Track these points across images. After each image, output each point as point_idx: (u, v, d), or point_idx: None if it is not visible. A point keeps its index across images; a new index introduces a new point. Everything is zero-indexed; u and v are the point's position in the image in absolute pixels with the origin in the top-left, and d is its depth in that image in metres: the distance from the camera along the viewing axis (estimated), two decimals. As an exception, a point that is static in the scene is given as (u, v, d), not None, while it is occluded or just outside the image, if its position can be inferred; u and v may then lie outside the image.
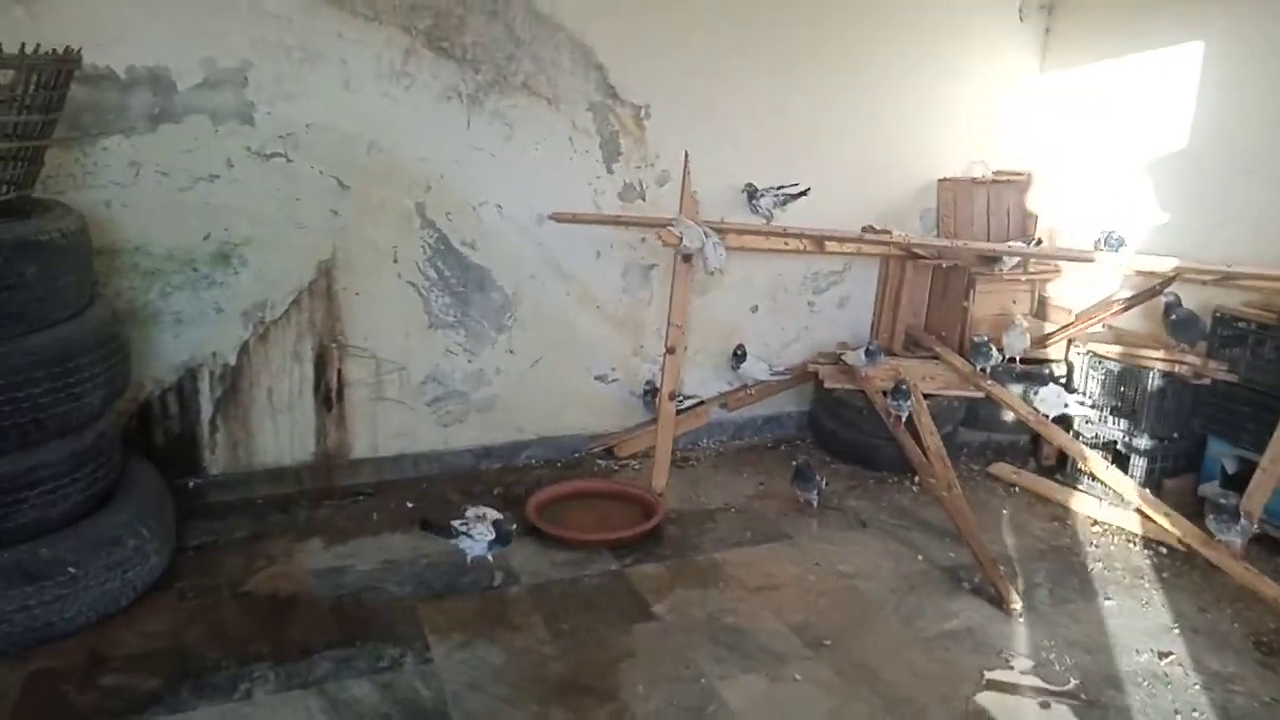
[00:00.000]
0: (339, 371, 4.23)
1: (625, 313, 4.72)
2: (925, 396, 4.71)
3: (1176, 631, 3.34)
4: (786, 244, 4.63)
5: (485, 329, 4.44)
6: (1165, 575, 3.75)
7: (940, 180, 5.33)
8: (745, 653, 3.14)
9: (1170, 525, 3.68)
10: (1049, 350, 5.11)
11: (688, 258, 4.26)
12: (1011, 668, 3.10)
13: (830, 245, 4.74)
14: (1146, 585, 3.67)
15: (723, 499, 4.35)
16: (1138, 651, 3.21)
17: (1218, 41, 4.42)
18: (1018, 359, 4.95)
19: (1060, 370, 5.06)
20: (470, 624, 3.24)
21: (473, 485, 4.35)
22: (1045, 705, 2.91)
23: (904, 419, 4.44)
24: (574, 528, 3.92)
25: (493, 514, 3.51)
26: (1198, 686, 3.02)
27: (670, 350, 4.32)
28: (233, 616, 3.25)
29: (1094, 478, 4.40)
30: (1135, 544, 4.03)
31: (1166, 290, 4.47)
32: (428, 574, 3.56)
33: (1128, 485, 3.95)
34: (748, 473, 4.69)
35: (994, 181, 5.25)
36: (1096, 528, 4.18)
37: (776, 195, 4.67)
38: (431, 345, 4.35)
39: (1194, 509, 4.08)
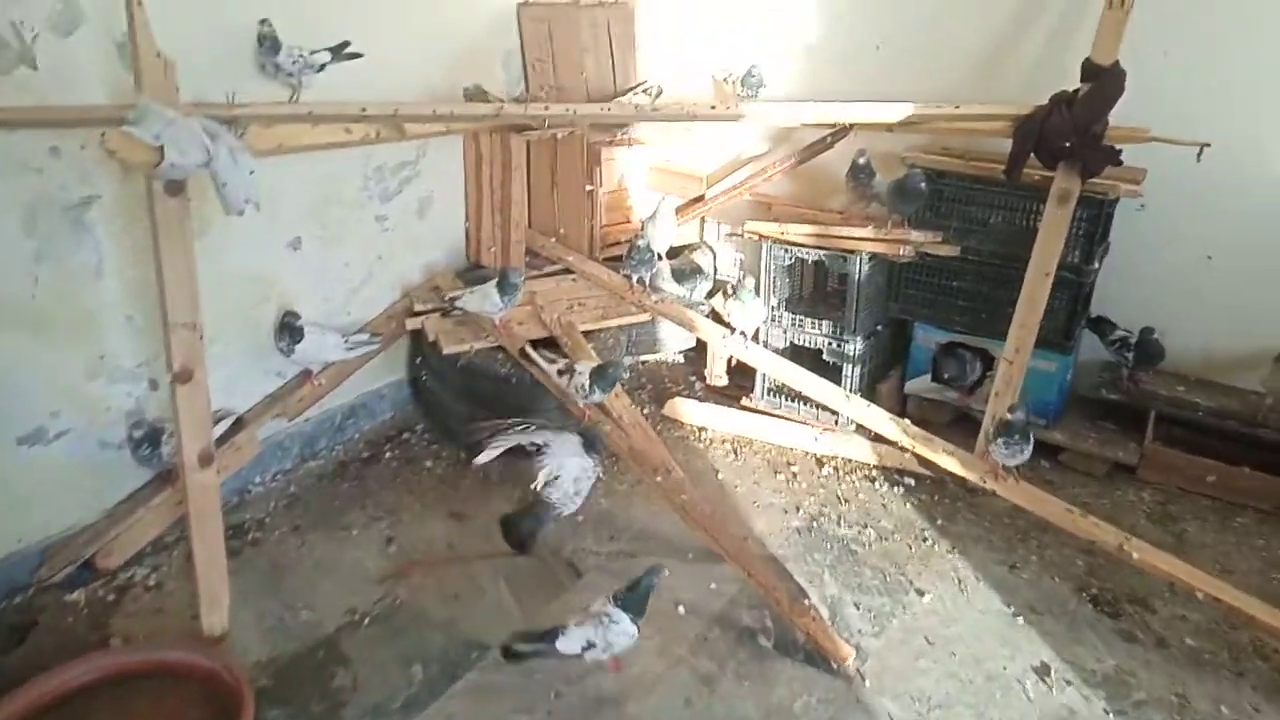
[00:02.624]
0: None
1: (52, 301, 2.38)
2: (584, 335, 3.28)
3: (1020, 620, 2.56)
4: (350, 131, 2.65)
5: None
6: (940, 522, 2.98)
7: (521, 5, 3.66)
8: None
9: (958, 465, 2.86)
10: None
11: (177, 187, 2.10)
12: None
13: (414, 126, 2.88)
14: (938, 550, 2.85)
15: (341, 600, 2.51)
16: (1018, 681, 2.34)
17: None
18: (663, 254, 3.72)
19: (705, 260, 3.98)
20: None
21: None
22: None
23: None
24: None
25: None
26: (1110, 715, 2.25)
27: (182, 377, 2.19)
28: None
29: (799, 399, 3.46)
30: (877, 481, 3.21)
31: (831, 143, 3.56)
32: None
33: (882, 420, 3.05)
34: (356, 521, 2.85)
35: (592, 3, 3.73)
36: (827, 470, 3.28)
37: (305, 55, 2.64)
38: None
39: (903, 411, 3.46)
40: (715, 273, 4.04)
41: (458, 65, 3.41)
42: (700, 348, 3.93)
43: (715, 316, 3.81)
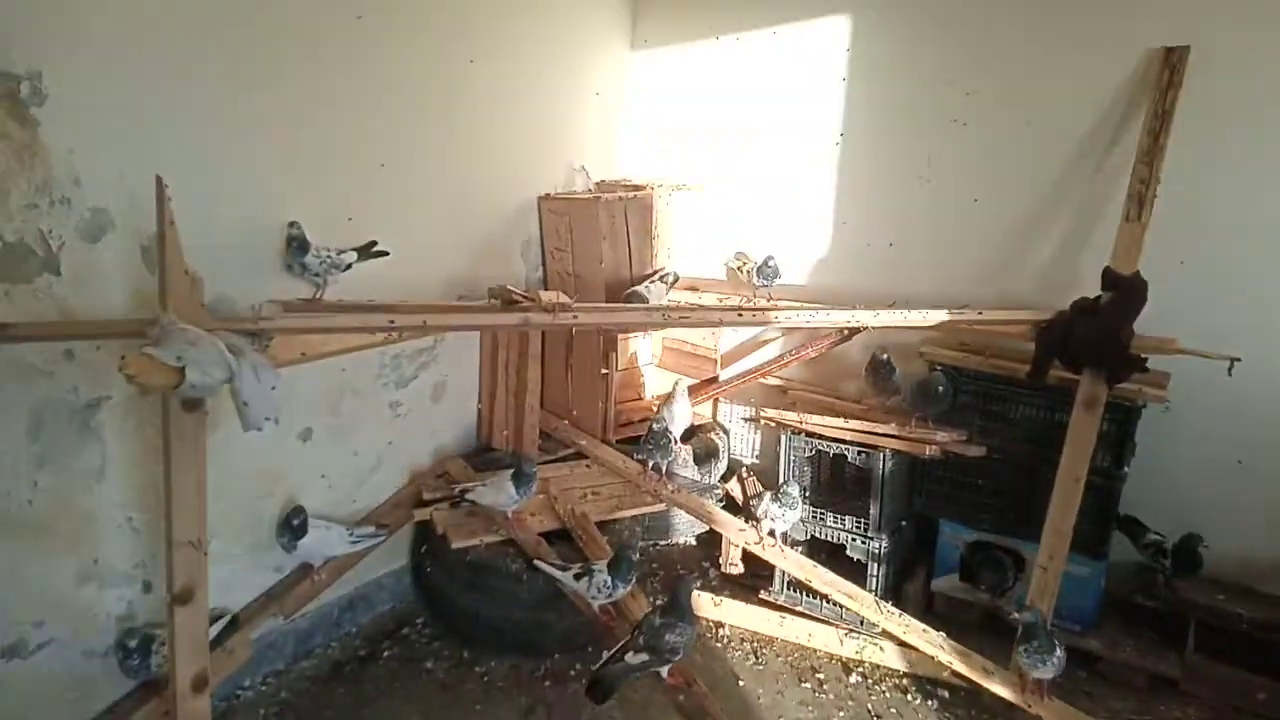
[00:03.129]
0: None
1: (50, 506, 2.28)
2: (598, 525, 3.16)
3: None
4: (373, 333, 2.62)
5: None
6: (976, 744, 2.79)
7: (542, 198, 3.75)
8: None
9: (999, 685, 2.69)
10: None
11: (195, 403, 2.04)
12: None
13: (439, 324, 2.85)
14: (976, 777, 2.65)
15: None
16: None
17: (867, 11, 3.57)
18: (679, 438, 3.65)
19: (719, 441, 3.92)
20: None
21: None
22: None
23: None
24: None
25: None
26: None
27: (183, 598, 2.06)
28: None
29: (827, 600, 3.29)
30: (909, 692, 3.02)
31: (850, 336, 3.55)
32: None
33: (916, 631, 2.90)
34: (352, 738, 2.66)
35: (611, 197, 3.80)
36: (855, 677, 3.09)
37: (332, 255, 2.66)
38: None
39: (930, 607, 3.35)
40: (729, 453, 3.97)
41: (479, 253, 3.47)
42: (715, 532, 3.80)
43: (729, 500, 3.71)
